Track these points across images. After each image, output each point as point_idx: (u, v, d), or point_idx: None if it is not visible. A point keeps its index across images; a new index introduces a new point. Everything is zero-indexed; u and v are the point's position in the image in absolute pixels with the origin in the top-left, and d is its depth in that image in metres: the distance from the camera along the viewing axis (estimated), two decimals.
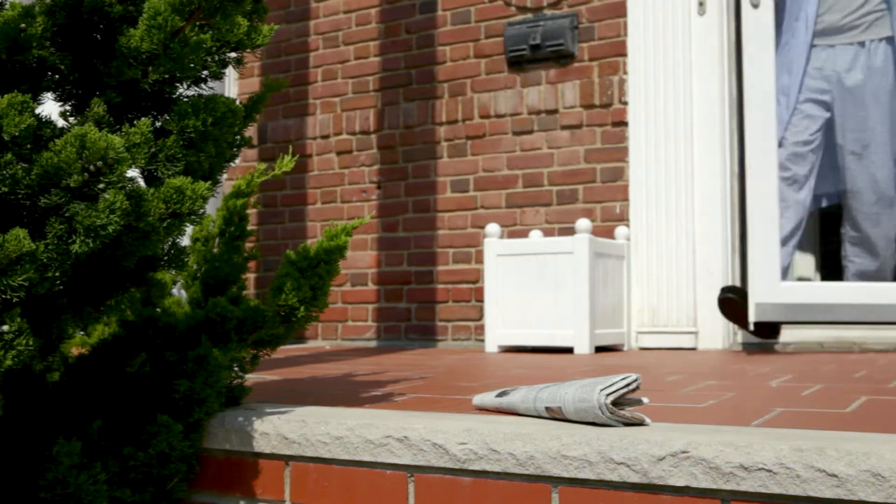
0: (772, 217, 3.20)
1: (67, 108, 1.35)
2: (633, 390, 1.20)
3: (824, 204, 3.85)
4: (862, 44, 3.47)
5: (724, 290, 3.08)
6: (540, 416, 1.29)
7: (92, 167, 1.13)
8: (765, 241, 3.21)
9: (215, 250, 2.03)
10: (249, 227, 2.09)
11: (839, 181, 3.66)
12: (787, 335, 3.30)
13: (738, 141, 3.38)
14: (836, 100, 3.57)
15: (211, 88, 1.40)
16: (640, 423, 1.19)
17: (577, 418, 1.22)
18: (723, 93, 3.41)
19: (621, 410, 1.18)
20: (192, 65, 1.30)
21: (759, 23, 3.31)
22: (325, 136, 4.25)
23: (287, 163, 1.90)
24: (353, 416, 1.33)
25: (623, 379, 1.19)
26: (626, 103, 3.55)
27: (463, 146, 3.91)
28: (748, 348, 3.31)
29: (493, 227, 3.41)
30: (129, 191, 1.18)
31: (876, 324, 3.17)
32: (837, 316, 3.19)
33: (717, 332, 3.33)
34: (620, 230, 3.46)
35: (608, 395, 1.17)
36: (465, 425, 1.22)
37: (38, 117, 1.24)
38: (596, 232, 3.46)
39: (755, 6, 3.35)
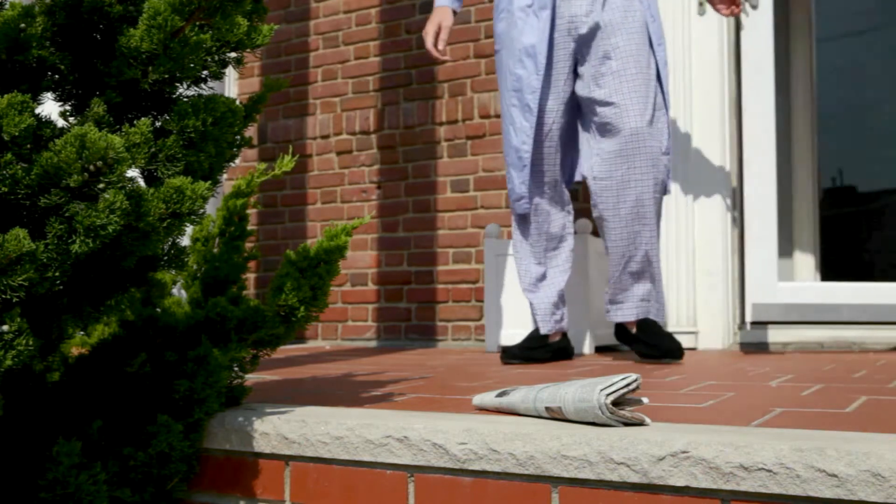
0: (769, 217, 3.23)
1: (67, 108, 1.35)
2: (634, 390, 1.19)
3: None
4: None
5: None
6: (540, 416, 1.29)
7: (92, 167, 1.13)
8: (763, 241, 3.24)
9: (215, 250, 2.03)
10: (249, 227, 2.09)
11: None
12: (789, 335, 3.30)
13: (737, 141, 3.39)
14: None
15: (211, 88, 1.40)
16: (640, 423, 1.19)
17: (577, 418, 1.22)
18: (723, 93, 3.41)
19: (621, 410, 1.18)
20: (192, 65, 1.30)
21: (757, 25, 3.33)
22: (325, 136, 4.25)
23: (287, 163, 1.90)
24: (353, 416, 1.33)
25: (623, 379, 1.19)
26: None
27: (463, 146, 3.91)
28: (748, 348, 3.31)
29: (492, 228, 3.41)
30: (129, 191, 1.18)
31: (870, 323, 3.19)
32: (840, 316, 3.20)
33: (716, 332, 3.33)
34: None
35: (608, 395, 1.17)
36: (465, 425, 1.22)
37: (38, 117, 1.24)
38: (596, 232, 3.46)
39: (754, 7, 3.36)
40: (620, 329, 2.72)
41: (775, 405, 1.43)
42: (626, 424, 1.18)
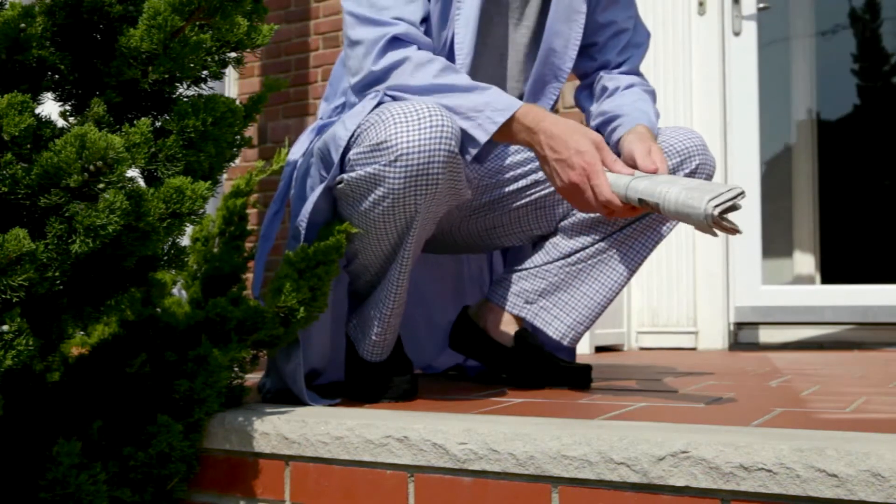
0: (753, 220, 3.26)
1: (67, 108, 1.35)
2: (737, 205, 1.29)
3: None
4: None
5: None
6: (628, 201, 1.37)
7: (92, 167, 1.13)
8: (747, 245, 3.27)
9: (215, 250, 2.03)
10: (249, 227, 2.09)
11: None
12: (789, 335, 3.30)
13: (723, 143, 3.39)
14: None
15: (211, 88, 1.40)
16: (736, 231, 1.29)
17: (673, 215, 1.31)
18: (722, 93, 3.41)
19: (723, 222, 1.28)
20: (192, 65, 1.30)
21: (741, 48, 3.37)
22: None
23: (284, 156, 1.90)
24: (353, 416, 1.33)
25: (730, 190, 1.28)
26: None
27: None
28: (748, 348, 3.31)
29: None
30: (129, 191, 1.18)
31: (868, 324, 3.19)
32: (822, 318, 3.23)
33: (717, 332, 3.33)
34: None
35: (716, 206, 1.27)
36: (465, 425, 1.22)
37: (38, 117, 1.24)
38: None
39: (737, 34, 3.38)
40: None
41: (775, 405, 1.43)
42: (722, 231, 1.28)
